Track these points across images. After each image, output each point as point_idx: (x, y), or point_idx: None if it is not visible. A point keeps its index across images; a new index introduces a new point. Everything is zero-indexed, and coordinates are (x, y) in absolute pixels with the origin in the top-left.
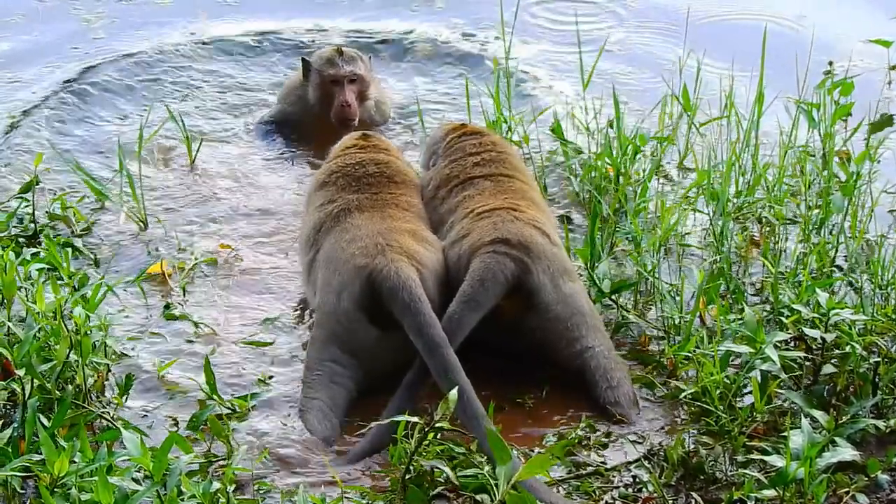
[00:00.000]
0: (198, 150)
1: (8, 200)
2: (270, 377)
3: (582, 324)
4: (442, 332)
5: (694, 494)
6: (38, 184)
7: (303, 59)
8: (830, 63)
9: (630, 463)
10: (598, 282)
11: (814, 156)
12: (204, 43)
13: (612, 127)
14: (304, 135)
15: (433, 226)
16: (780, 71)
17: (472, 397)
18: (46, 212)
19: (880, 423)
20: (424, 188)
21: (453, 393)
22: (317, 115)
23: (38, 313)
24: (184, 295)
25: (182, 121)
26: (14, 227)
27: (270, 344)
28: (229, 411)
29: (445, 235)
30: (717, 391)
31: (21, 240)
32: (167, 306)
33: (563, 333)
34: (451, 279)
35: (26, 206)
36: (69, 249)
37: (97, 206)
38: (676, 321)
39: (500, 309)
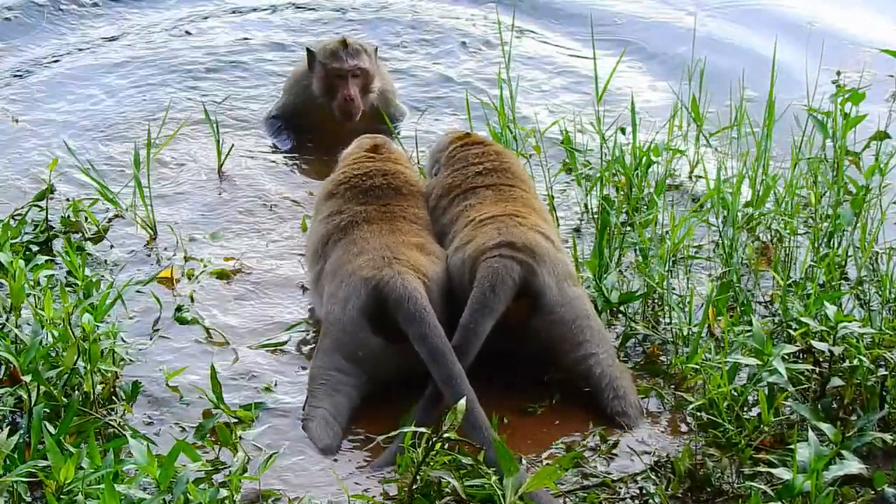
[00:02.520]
0: (226, 156)
1: (22, 208)
2: (275, 384)
3: (586, 327)
4: (446, 341)
5: None
6: (52, 192)
7: (307, 50)
8: (838, 73)
9: (637, 474)
10: (606, 293)
11: (825, 168)
12: None
13: (623, 133)
14: (312, 129)
15: (436, 235)
16: (790, 81)
17: (476, 407)
18: (61, 217)
19: (887, 437)
20: (427, 197)
21: (461, 403)
22: (322, 105)
23: (46, 320)
24: (192, 301)
25: (216, 125)
26: (26, 233)
27: (284, 343)
28: (235, 420)
29: (448, 245)
30: (725, 403)
31: (33, 247)
32: (178, 308)
33: (568, 336)
34: (454, 285)
35: (39, 213)
36: (84, 254)
37: (110, 210)
38: (685, 332)
39: (506, 312)
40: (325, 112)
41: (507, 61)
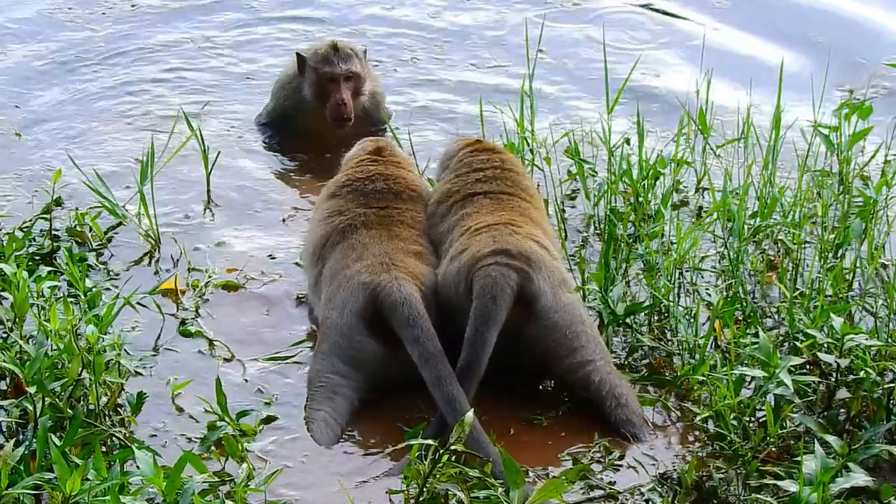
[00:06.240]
0: (214, 162)
1: (30, 220)
2: (276, 398)
3: (581, 332)
4: (438, 345)
5: None
6: (59, 205)
7: (297, 55)
8: (851, 91)
9: (643, 486)
10: (612, 305)
11: (832, 182)
12: None
13: (627, 143)
14: (302, 133)
15: (433, 243)
16: (801, 92)
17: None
18: (66, 227)
19: (894, 449)
20: (428, 201)
21: (469, 416)
22: (312, 108)
23: (50, 331)
24: (196, 313)
25: (200, 133)
26: (31, 243)
27: (290, 358)
28: (240, 432)
29: (444, 254)
30: (731, 415)
31: (37, 258)
32: (183, 322)
33: (562, 341)
34: (450, 294)
35: (46, 223)
36: (84, 264)
37: (114, 221)
38: (691, 344)
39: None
40: (315, 116)
41: (530, 72)
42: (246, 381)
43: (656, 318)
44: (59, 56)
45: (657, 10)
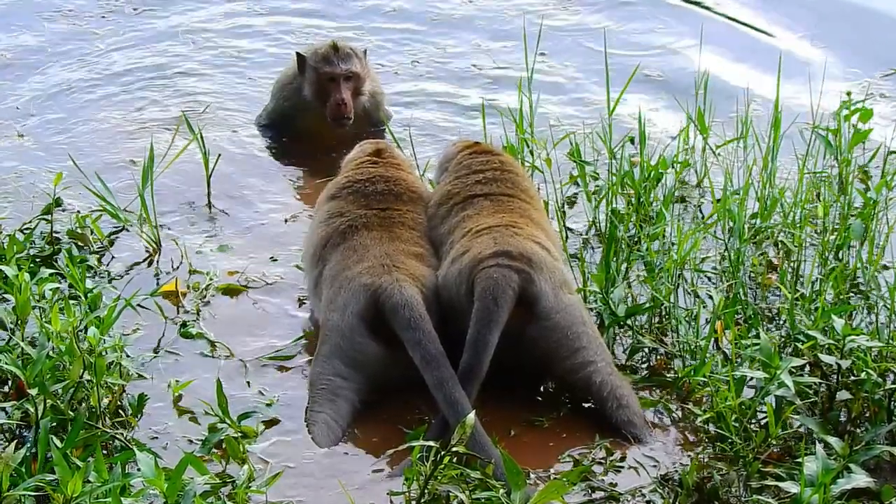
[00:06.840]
0: (215, 165)
1: (30, 221)
2: (277, 399)
3: (582, 333)
4: (440, 348)
5: None
6: (59, 205)
7: (297, 55)
8: (849, 94)
9: (644, 488)
10: (613, 306)
11: (832, 182)
12: None
13: (632, 142)
14: (302, 133)
15: (434, 245)
16: (799, 92)
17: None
18: (68, 230)
19: (895, 450)
20: (428, 204)
21: (470, 417)
22: (312, 109)
23: (52, 333)
24: (198, 315)
25: (201, 136)
26: (32, 246)
27: (291, 357)
28: (242, 434)
29: (445, 256)
30: (732, 416)
31: (38, 260)
32: (184, 324)
33: (564, 342)
34: (451, 295)
35: (48, 226)
36: (85, 266)
37: (115, 223)
38: (692, 346)
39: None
40: (315, 116)
41: (529, 75)
42: (248, 383)
43: (657, 319)
44: (58, 53)
45: None
